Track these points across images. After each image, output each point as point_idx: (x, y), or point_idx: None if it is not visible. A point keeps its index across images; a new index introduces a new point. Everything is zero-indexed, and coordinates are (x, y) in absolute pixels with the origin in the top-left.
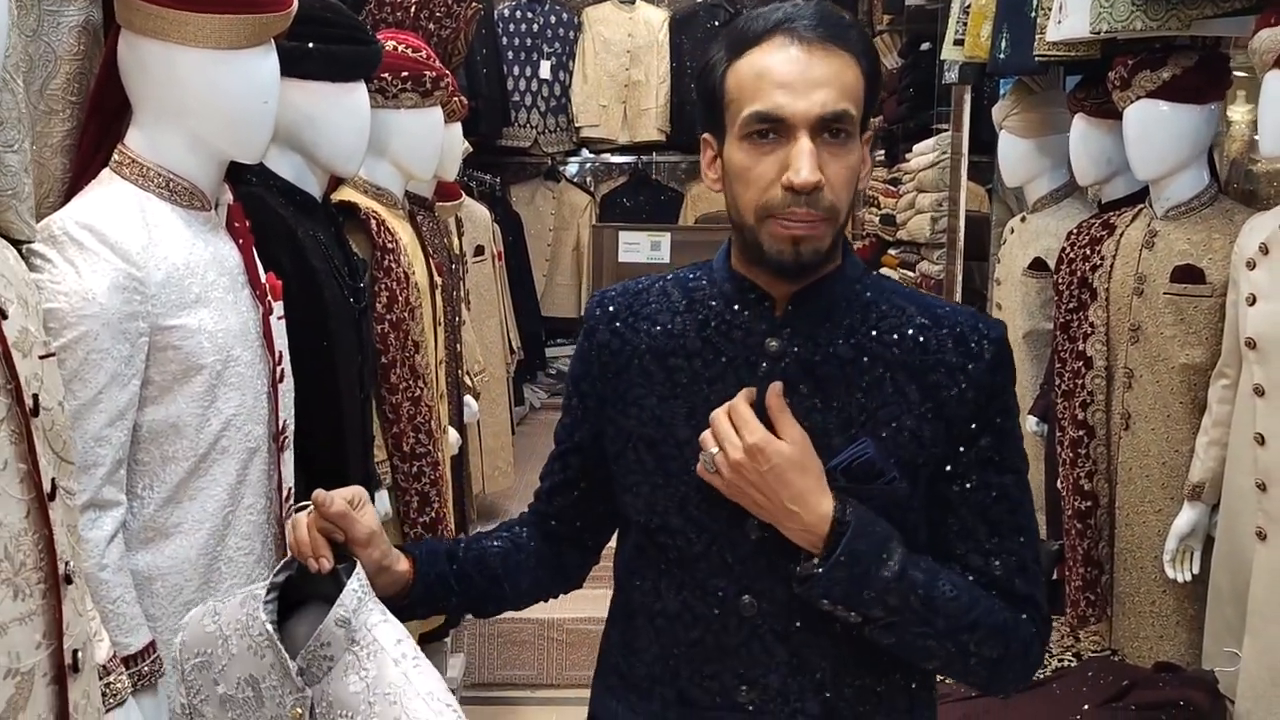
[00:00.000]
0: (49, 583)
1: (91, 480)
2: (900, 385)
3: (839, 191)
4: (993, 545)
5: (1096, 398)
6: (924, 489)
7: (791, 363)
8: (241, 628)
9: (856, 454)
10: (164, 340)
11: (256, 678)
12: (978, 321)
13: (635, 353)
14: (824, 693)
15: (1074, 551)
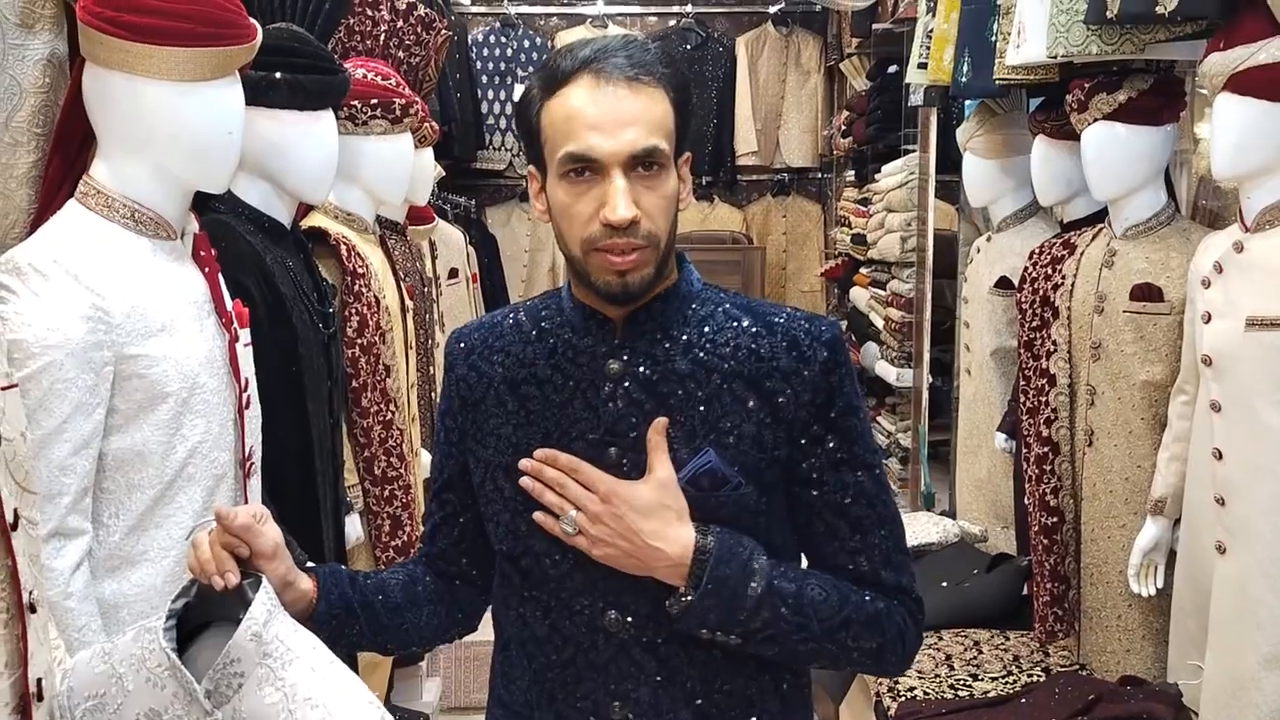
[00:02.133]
0: (12, 612)
1: (56, 509)
2: (738, 394)
3: (657, 220)
4: (857, 543)
5: (1060, 414)
6: (778, 494)
7: (633, 382)
8: (137, 662)
9: (700, 465)
10: (129, 369)
11: (157, 710)
12: (811, 325)
13: (490, 384)
14: (695, 700)
15: (1041, 567)
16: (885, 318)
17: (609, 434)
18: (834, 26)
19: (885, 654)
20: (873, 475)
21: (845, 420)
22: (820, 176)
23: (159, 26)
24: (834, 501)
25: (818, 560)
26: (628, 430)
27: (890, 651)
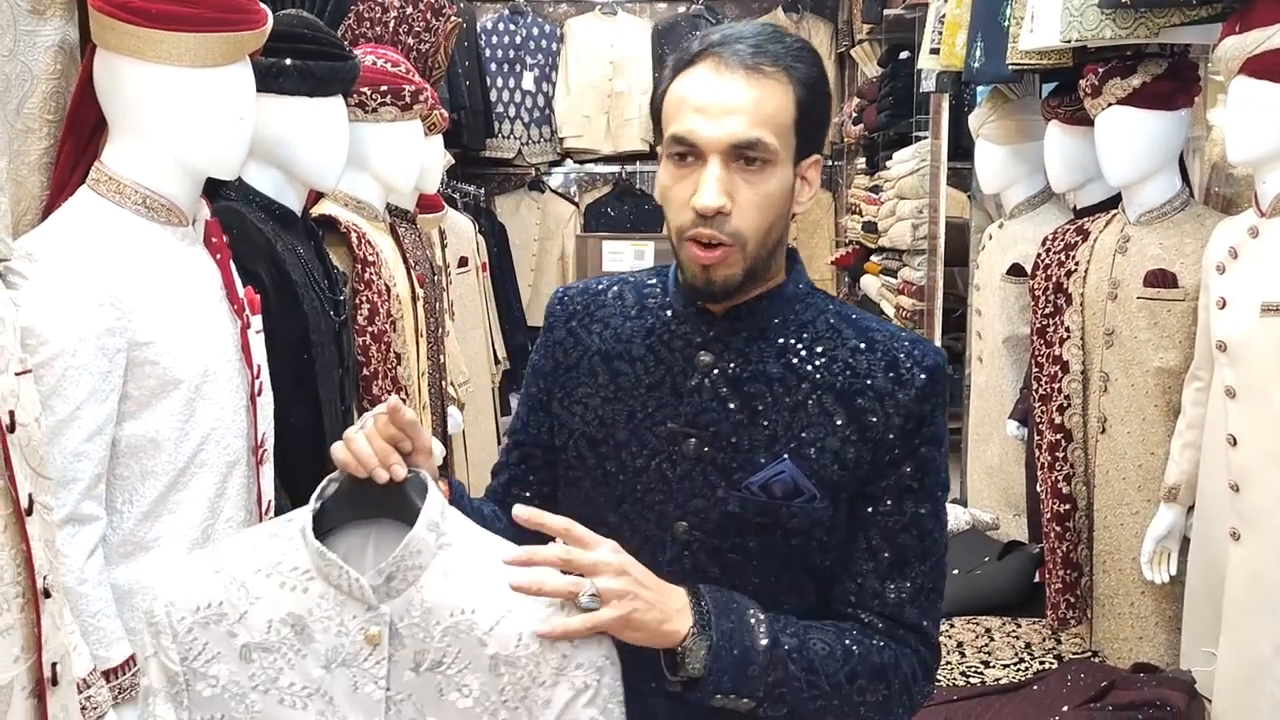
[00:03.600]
0: (27, 596)
1: (70, 495)
2: (826, 407)
3: (749, 217)
4: (893, 571)
5: (1073, 401)
6: (845, 511)
7: (721, 377)
8: (268, 566)
9: (775, 472)
10: (141, 356)
11: (298, 614)
12: (914, 348)
13: (586, 353)
14: None
15: (1053, 554)
16: (896, 306)
17: (690, 425)
18: (845, 12)
19: (891, 704)
20: (935, 510)
21: (927, 450)
22: (831, 164)
23: (170, 12)
24: (887, 526)
25: (844, 574)
26: (708, 424)
27: (896, 703)
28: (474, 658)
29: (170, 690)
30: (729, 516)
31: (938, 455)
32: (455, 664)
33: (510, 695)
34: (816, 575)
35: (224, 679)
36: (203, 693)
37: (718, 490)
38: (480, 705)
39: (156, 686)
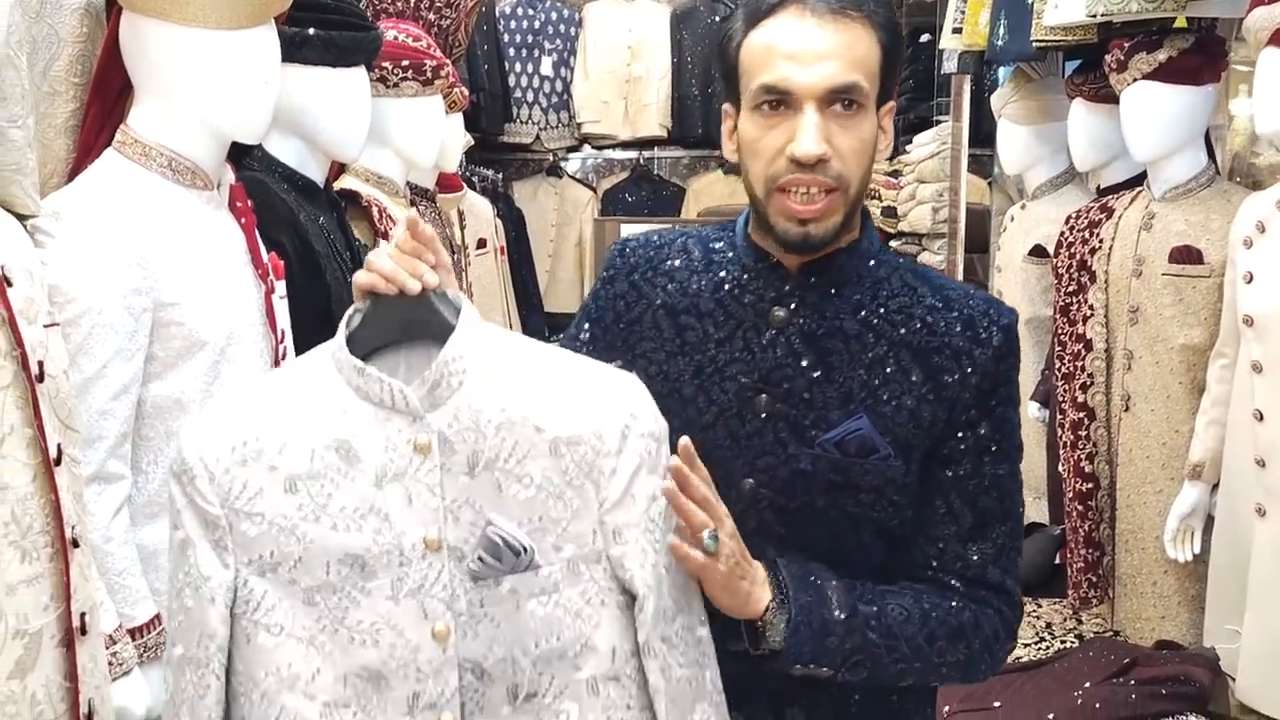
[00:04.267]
0: (56, 546)
1: (97, 454)
2: (904, 365)
3: (849, 163)
4: (975, 533)
5: (1096, 380)
6: (919, 470)
7: (796, 333)
8: (300, 399)
9: (851, 429)
10: (167, 316)
11: (341, 437)
12: (989, 307)
13: (650, 307)
14: None
15: (1075, 534)
16: None
17: (762, 380)
18: None
19: (972, 665)
20: (1013, 470)
21: (1003, 410)
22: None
23: None
24: (966, 489)
25: (922, 537)
26: (781, 380)
27: (978, 662)
28: (532, 445)
29: (211, 537)
30: (799, 474)
31: (1014, 415)
32: (513, 457)
33: (574, 473)
34: (884, 535)
35: (270, 514)
36: (248, 532)
37: (788, 447)
38: (543, 491)
39: (194, 537)
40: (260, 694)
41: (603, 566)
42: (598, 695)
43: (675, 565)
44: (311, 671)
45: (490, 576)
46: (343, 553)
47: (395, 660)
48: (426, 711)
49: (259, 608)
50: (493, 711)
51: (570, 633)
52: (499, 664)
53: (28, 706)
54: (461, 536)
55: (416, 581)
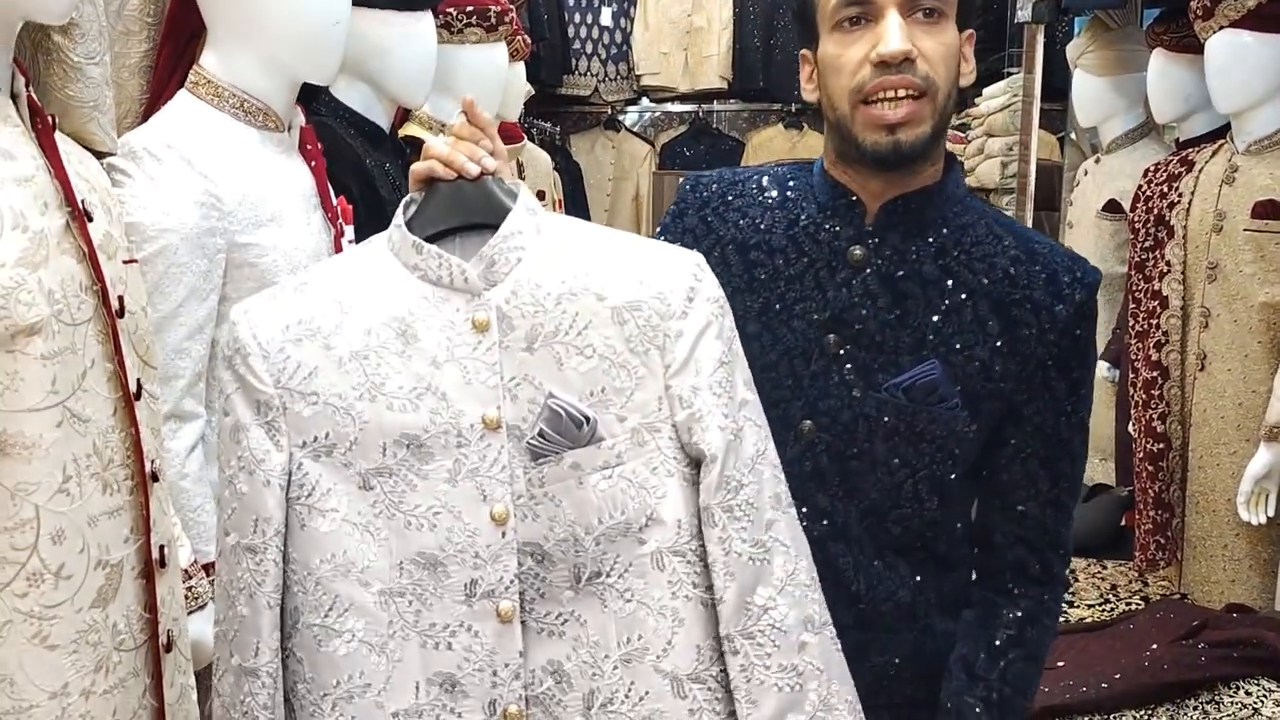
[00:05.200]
0: (136, 480)
1: (172, 392)
2: (980, 315)
3: (935, 66)
4: (1051, 496)
5: (1171, 338)
6: (986, 425)
7: (873, 273)
8: (355, 280)
9: (922, 374)
10: (240, 257)
11: (398, 315)
12: (1074, 264)
13: (719, 241)
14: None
15: (1144, 495)
16: None
17: (832, 321)
18: None
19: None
20: (1084, 434)
21: (1080, 372)
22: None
23: None
24: (1043, 453)
25: (996, 501)
26: (853, 321)
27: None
28: (594, 314)
29: (264, 419)
30: (861, 419)
31: (1088, 376)
32: (574, 328)
33: (638, 340)
34: (940, 487)
35: (325, 394)
36: (302, 413)
37: (853, 390)
38: (606, 361)
39: (245, 421)
40: (314, 582)
41: (668, 435)
42: (663, 570)
43: (745, 438)
44: (367, 558)
45: (551, 453)
46: (399, 433)
47: (453, 545)
48: (484, 600)
49: (313, 492)
50: (554, 597)
51: (635, 506)
52: (560, 545)
53: (109, 635)
54: (520, 415)
55: (475, 462)
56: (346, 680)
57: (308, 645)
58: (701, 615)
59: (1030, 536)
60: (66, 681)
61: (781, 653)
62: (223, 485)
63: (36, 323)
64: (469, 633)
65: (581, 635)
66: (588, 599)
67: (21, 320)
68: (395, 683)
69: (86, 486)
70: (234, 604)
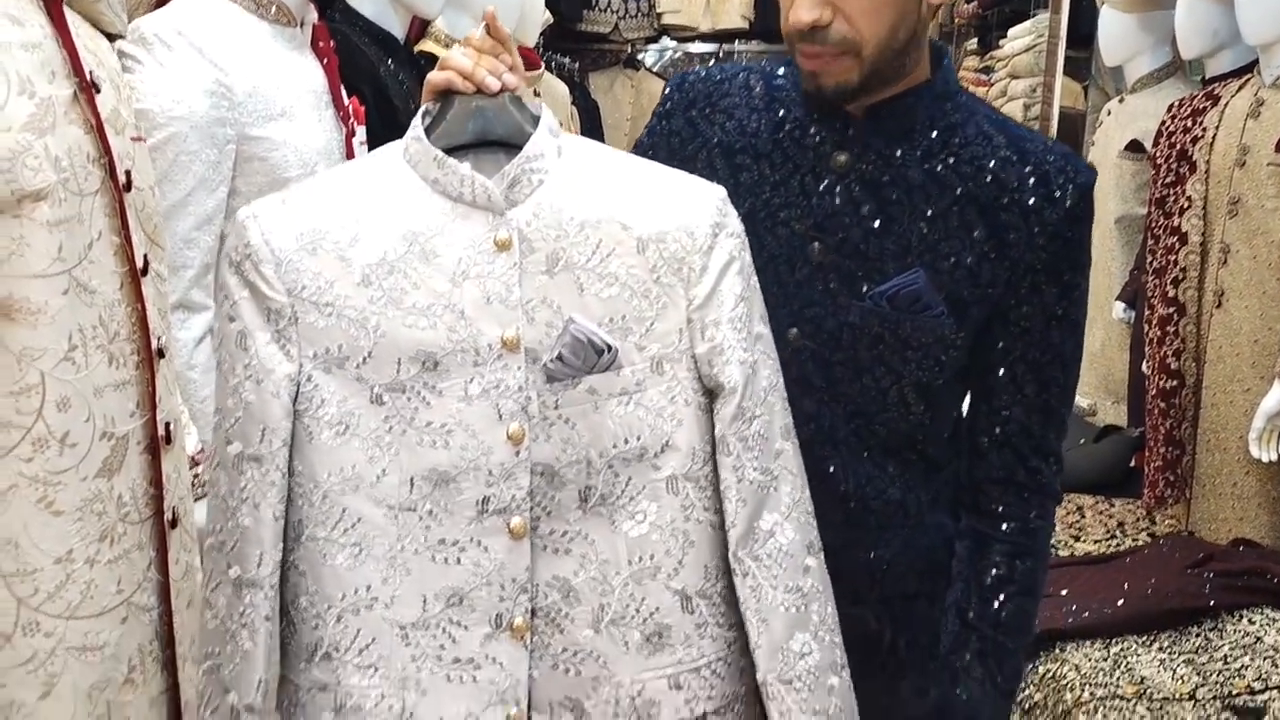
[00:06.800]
0: (142, 356)
1: (180, 282)
2: (967, 220)
3: (858, 24)
4: (1037, 401)
5: (1189, 274)
6: (974, 331)
7: (856, 180)
8: (372, 191)
9: (906, 283)
10: (250, 151)
11: (417, 230)
12: (1067, 164)
13: (705, 145)
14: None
15: (1155, 432)
16: None
17: (816, 228)
18: None
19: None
20: (1077, 339)
21: (1071, 276)
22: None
23: None
24: (1031, 357)
25: (984, 405)
26: (836, 229)
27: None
28: (618, 242)
29: (274, 328)
30: (846, 327)
31: (1083, 282)
32: (596, 254)
33: (662, 271)
34: (927, 393)
35: (340, 306)
36: (316, 324)
37: (838, 298)
38: (628, 289)
39: (253, 329)
40: (321, 495)
41: (686, 366)
42: (677, 494)
43: (759, 371)
44: (377, 473)
45: (567, 377)
46: (415, 349)
47: (466, 462)
48: (495, 516)
49: (323, 404)
50: (560, 516)
51: (651, 432)
52: (571, 466)
53: (114, 506)
54: (537, 337)
55: (491, 382)
56: (353, 594)
57: (312, 559)
58: (710, 536)
59: (1016, 441)
60: (71, 548)
61: (788, 574)
62: (225, 394)
63: (43, 189)
64: (478, 548)
65: (589, 553)
66: (595, 519)
67: (28, 185)
68: (402, 596)
69: (92, 357)
70: (234, 515)
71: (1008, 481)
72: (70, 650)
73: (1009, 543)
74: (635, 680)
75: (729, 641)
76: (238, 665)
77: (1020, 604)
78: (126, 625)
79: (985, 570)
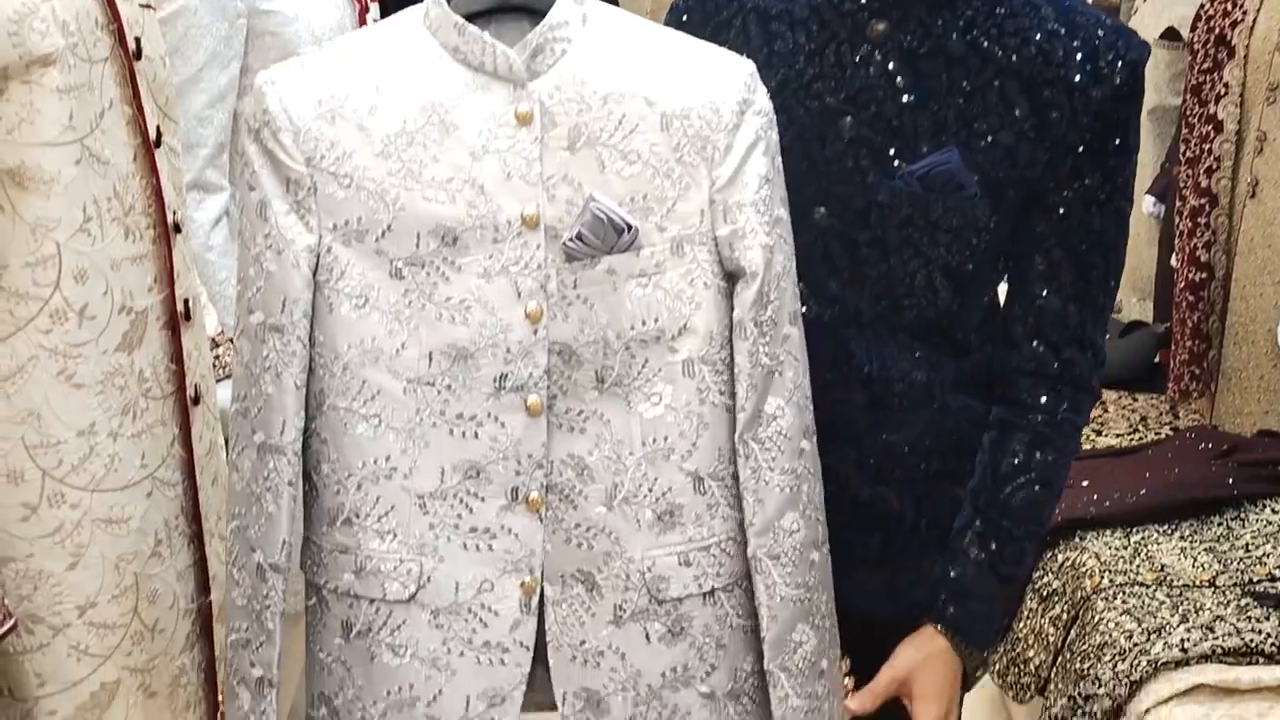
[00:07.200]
0: (158, 230)
1: (195, 161)
2: (1008, 96)
3: None
4: (1075, 290)
5: (1223, 163)
6: (1011, 214)
7: (894, 51)
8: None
9: (939, 162)
10: (261, 25)
11: (437, 101)
12: (1118, 39)
13: (740, 9)
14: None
15: (1182, 326)
16: None
17: (849, 101)
18: None
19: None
20: (1120, 224)
21: (1119, 159)
22: None
23: None
24: (1071, 242)
25: (1019, 293)
26: (870, 102)
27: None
28: (641, 118)
29: (294, 198)
30: (875, 206)
31: (1129, 164)
32: (619, 131)
33: (686, 149)
34: (957, 278)
35: (358, 177)
36: (335, 195)
37: (868, 176)
38: (650, 168)
39: (272, 198)
40: (342, 366)
41: (707, 248)
42: (692, 377)
43: (777, 255)
44: (396, 346)
45: (586, 257)
46: (434, 224)
47: (484, 339)
48: (513, 393)
49: (343, 276)
50: (577, 395)
51: (669, 315)
52: (588, 346)
53: (135, 381)
54: (557, 215)
55: (510, 259)
56: (373, 463)
57: (334, 427)
58: (724, 420)
59: (1050, 332)
60: (94, 421)
61: (785, 457)
62: (246, 263)
63: (51, 53)
64: (496, 423)
65: (604, 433)
66: (611, 399)
67: (35, 49)
68: (420, 467)
69: (108, 230)
70: (258, 382)
71: (1039, 373)
72: (97, 522)
73: (1032, 432)
74: (646, 556)
75: (739, 522)
76: (262, 527)
77: (1033, 494)
78: (152, 500)
79: (1002, 458)
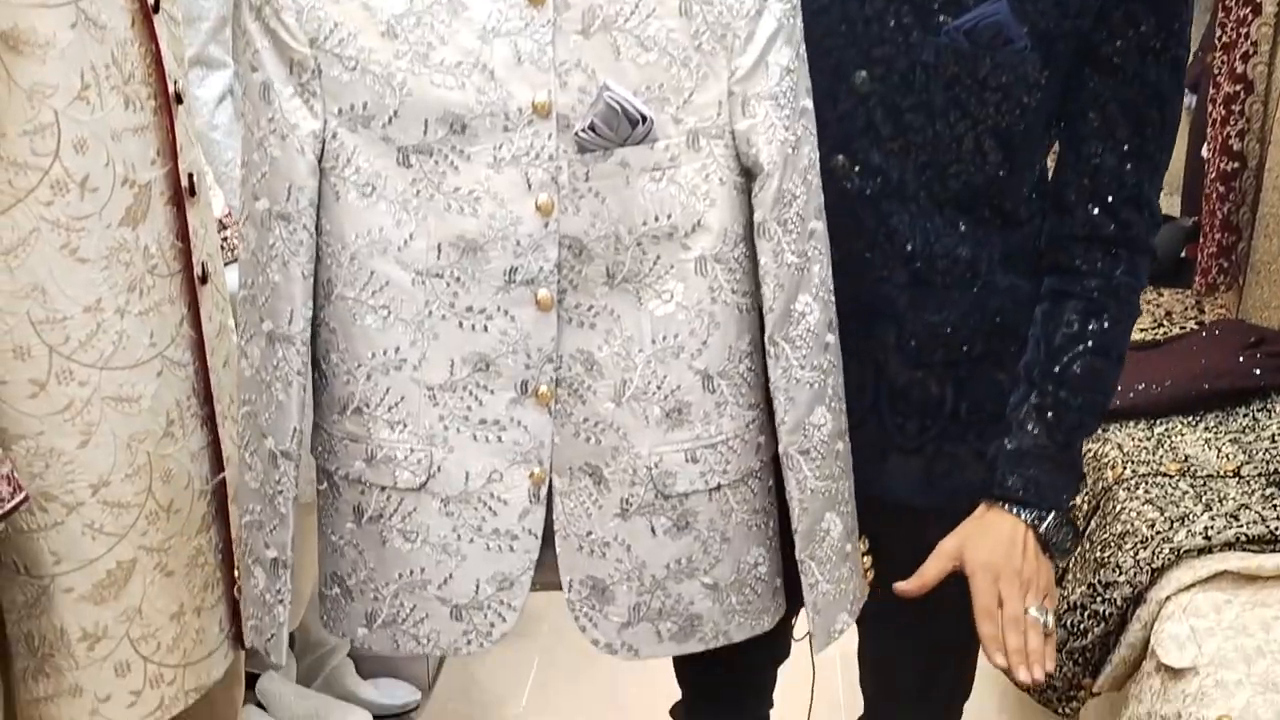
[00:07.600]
0: (159, 100)
1: (197, 35)
2: None
3: None
4: (1132, 145)
5: (1260, 48)
6: (1060, 70)
7: None
8: None
9: (987, 14)
10: None
11: None
12: None
13: None
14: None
15: (1212, 217)
16: None
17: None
18: None
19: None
20: (1176, 73)
21: (1174, 3)
22: None
23: None
24: (1125, 96)
25: (1072, 155)
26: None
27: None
28: (659, 2)
29: (298, 81)
30: (919, 66)
31: (1185, 11)
32: (635, 15)
33: (705, 37)
34: (1007, 141)
35: (364, 60)
36: (340, 78)
37: (911, 34)
38: (667, 56)
39: (275, 81)
40: (349, 256)
41: (725, 142)
42: (704, 276)
43: (801, 149)
44: (404, 237)
45: (599, 148)
46: (442, 110)
47: (494, 231)
48: (523, 287)
49: (349, 164)
50: (587, 290)
51: (683, 211)
52: (600, 241)
53: (140, 257)
54: (569, 103)
55: (520, 149)
56: (382, 354)
57: (342, 317)
58: (736, 318)
59: (1105, 192)
60: (100, 296)
61: (814, 353)
62: (250, 147)
63: None
64: (505, 317)
65: (614, 329)
66: (622, 295)
67: None
68: (430, 359)
69: (108, 99)
70: (265, 270)
71: (1094, 238)
72: (106, 400)
73: (1086, 299)
74: (653, 452)
75: (748, 421)
76: (272, 414)
77: (1091, 363)
78: (162, 379)
79: (1057, 328)
